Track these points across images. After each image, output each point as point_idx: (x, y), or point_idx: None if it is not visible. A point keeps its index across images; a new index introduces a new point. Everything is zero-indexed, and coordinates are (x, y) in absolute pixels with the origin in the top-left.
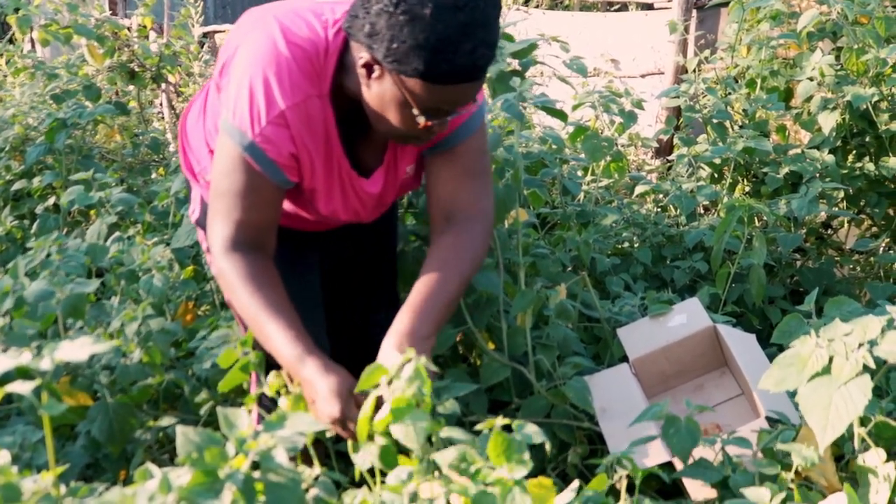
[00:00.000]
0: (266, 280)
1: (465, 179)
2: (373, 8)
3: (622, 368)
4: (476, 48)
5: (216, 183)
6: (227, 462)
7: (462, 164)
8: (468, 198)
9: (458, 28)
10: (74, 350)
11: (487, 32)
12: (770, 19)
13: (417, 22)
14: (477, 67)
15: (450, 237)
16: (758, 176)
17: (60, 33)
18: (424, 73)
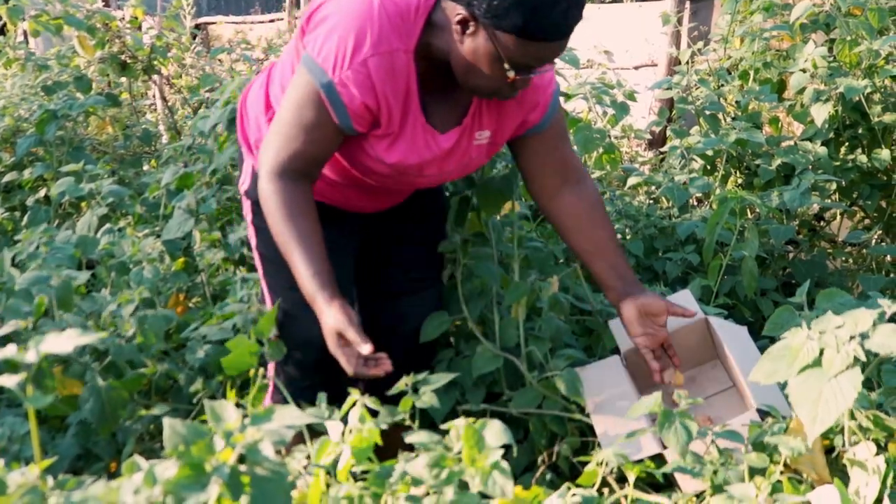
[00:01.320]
0: (303, 209)
1: (565, 144)
2: None
3: (613, 360)
4: (570, 8)
5: (283, 111)
6: (214, 455)
7: (558, 132)
8: (573, 159)
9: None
10: (61, 342)
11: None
12: (763, 11)
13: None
14: (569, 26)
15: (580, 189)
16: (750, 168)
17: (51, 24)
18: (522, 30)
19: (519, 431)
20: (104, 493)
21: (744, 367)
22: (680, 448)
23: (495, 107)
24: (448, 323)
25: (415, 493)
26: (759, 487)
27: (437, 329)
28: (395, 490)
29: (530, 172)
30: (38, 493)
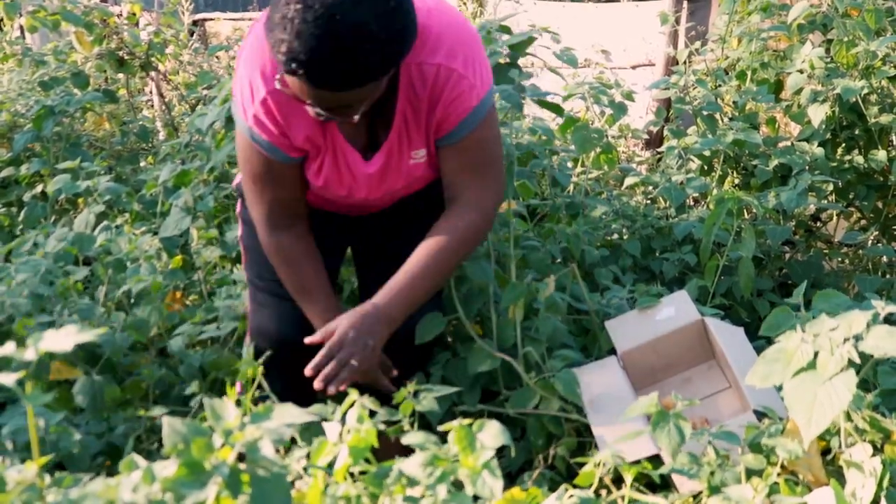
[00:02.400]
0: (299, 258)
1: (465, 172)
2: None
3: (610, 361)
4: (298, 53)
5: (242, 172)
6: (214, 453)
7: (464, 157)
8: (467, 189)
9: (291, 24)
10: (59, 339)
11: (342, 51)
12: (761, 11)
13: (286, 23)
14: (291, 67)
15: (443, 222)
16: (747, 168)
17: (49, 20)
18: (291, 72)
19: (516, 431)
20: (103, 491)
21: (740, 367)
22: (672, 449)
23: (422, 125)
24: (443, 324)
25: (411, 494)
26: (756, 489)
27: (433, 330)
28: (391, 490)
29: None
30: (35, 491)
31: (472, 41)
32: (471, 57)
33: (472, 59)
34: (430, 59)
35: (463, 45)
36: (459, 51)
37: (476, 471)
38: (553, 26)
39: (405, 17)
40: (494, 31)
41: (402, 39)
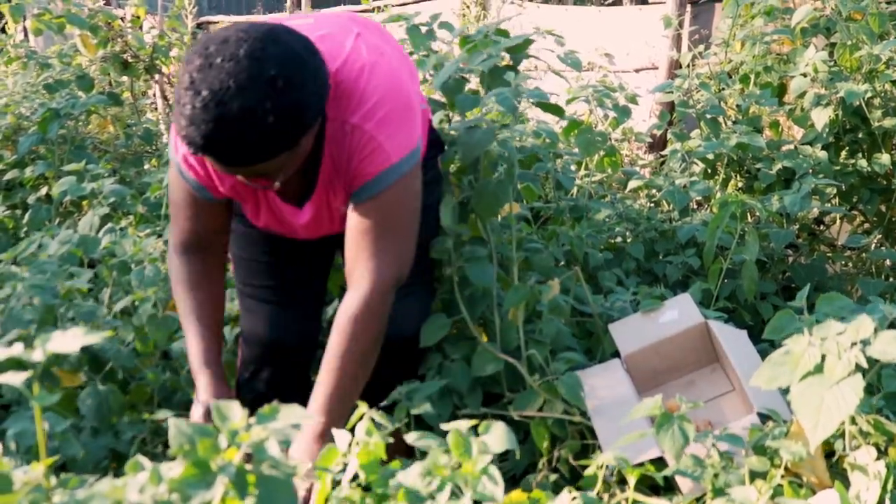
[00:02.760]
0: (195, 284)
1: (362, 236)
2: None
3: (614, 364)
4: (197, 139)
5: (168, 191)
6: (220, 454)
7: (364, 220)
8: (362, 256)
9: (187, 111)
10: (66, 341)
11: (233, 136)
12: (764, 15)
13: (181, 108)
14: (195, 151)
15: (338, 318)
16: (751, 172)
17: (54, 23)
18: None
19: (519, 434)
20: (110, 491)
21: (744, 370)
22: (675, 452)
23: (342, 180)
24: (447, 326)
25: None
26: (760, 491)
27: (437, 333)
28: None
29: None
30: (42, 491)
31: (397, 105)
32: (388, 120)
33: (389, 123)
34: (349, 118)
35: (384, 107)
36: (378, 113)
37: (475, 476)
38: (556, 30)
39: (298, 91)
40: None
41: (297, 115)
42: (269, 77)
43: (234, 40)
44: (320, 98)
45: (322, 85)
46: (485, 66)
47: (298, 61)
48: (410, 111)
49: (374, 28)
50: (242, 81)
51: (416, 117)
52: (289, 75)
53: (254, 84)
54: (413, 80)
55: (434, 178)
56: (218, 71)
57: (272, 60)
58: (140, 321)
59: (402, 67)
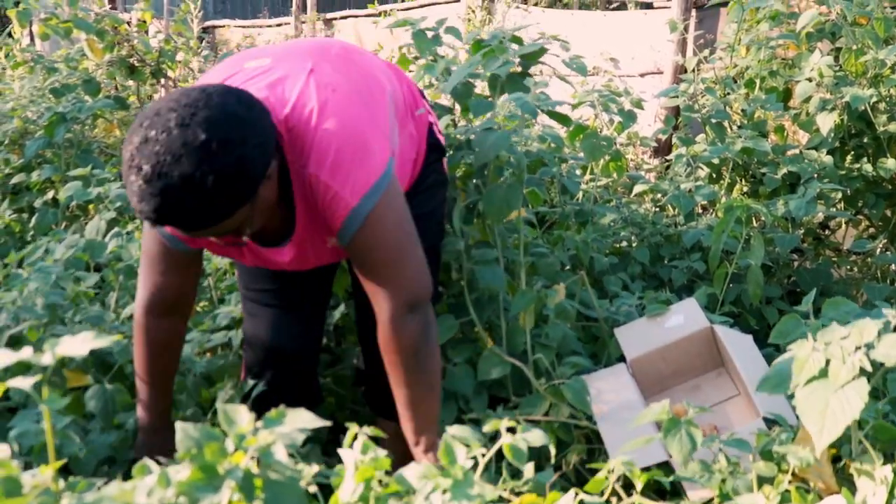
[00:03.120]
0: (164, 349)
1: (364, 274)
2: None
3: (620, 368)
4: (150, 213)
5: (142, 245)
6: (227, 458)
7: (357, 259)
8: (371, 292)
9: (135, 188)
10: (75, 344)
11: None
12: (769, 19)
13: (127, 181)
14: (153, 225)
15: (379, 342)
16: (756, 176)
17: (60, 27)
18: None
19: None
20: (118, 494)
21: (749, 375)
22: (683, 456)
23: (319, 219)
24: (455, 328)
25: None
26: (768, 496)
27: (445, 334)
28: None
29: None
30: (51, 495)
31: (348, 144)
32: (339, 163)
33: (341, 166)
34: (304, 165)
35: (334, 150)
36: (328, 158)
37: (459, 481)
38: (562, 34)
39: (236, 149)
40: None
41: (240, 173)
42: (202, 141)
43: (165, 112)
44: (264, 150)
45: (265, 136)
46: (502, 72)
47: (232, 120)
48: (365, 145)
49: (335, 57)
50: (176, 151)
51: (373, 147)
52: (223, 136)
53: (188, 151)
54: (375, 106)
55: (435, 182)
56: (153, 145)
57: (203, 125)
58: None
59: (358, 100)
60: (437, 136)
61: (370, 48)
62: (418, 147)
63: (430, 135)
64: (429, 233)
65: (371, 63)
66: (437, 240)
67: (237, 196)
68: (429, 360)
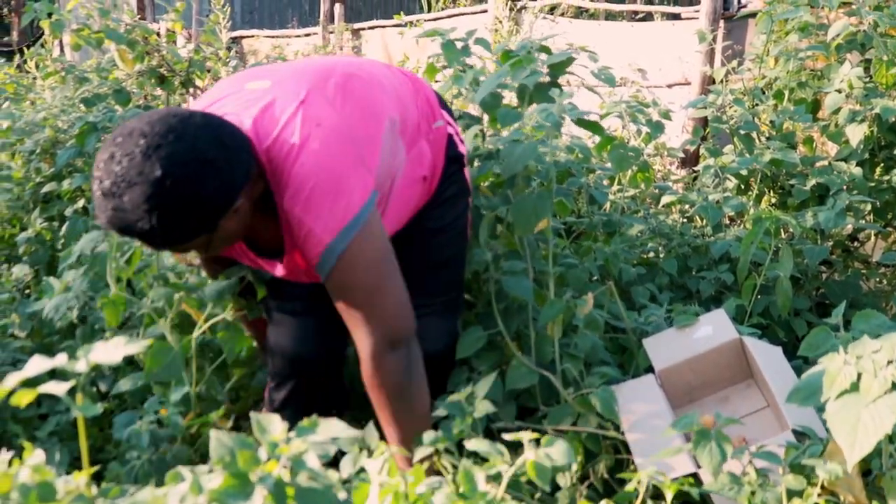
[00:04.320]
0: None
1: (343, 310)
2: None
3: (648, 379)
4: (106, 224)
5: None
6: (259, 466)
7: (335, 295)
8: (351, 329)
9: (96, 198)
10: (108, 351)
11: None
12: (798, 31)
13: (91, 181)
14: (121, 232)
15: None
16: (784, 188)
17: (92, 38)
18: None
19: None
20: (151, 501)
21: (778, 387)
22: (713, 468)
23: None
24: (483, 339)
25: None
26: None
27: (473, 346)
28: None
29: None
30: (85, 500)
31: (325, 180)
32: (314, 200)
33: (316, 203)
34: (281, 200)
35: (309, 187)
36: (302, 194)
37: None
38: (589, 45)
39: (190, 189)
40: (534, 52)
41: (188, 212)
42: (156, 178)
43: (136, 135)
44: (227, 190)
45: (230, 176)
46: (529, 82)
47: (196, 160)
48: (341, 182)
49: (333, 86)
50: (132, 179)
51: (351, 184)
52: (179, 176)
53: (141, 181)
54: (364, 140)
55: (456, 193)
56: (116, 164)
57: (165, 160)
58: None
59: (342, 135)
60: (458, 146)
61: (397, 58)
62: (433, 163)
63: (450, 147)
64: (451, 243)
65: (375, 89)
66: (460, 249)
67: (183, 230)
68: (415, 397)
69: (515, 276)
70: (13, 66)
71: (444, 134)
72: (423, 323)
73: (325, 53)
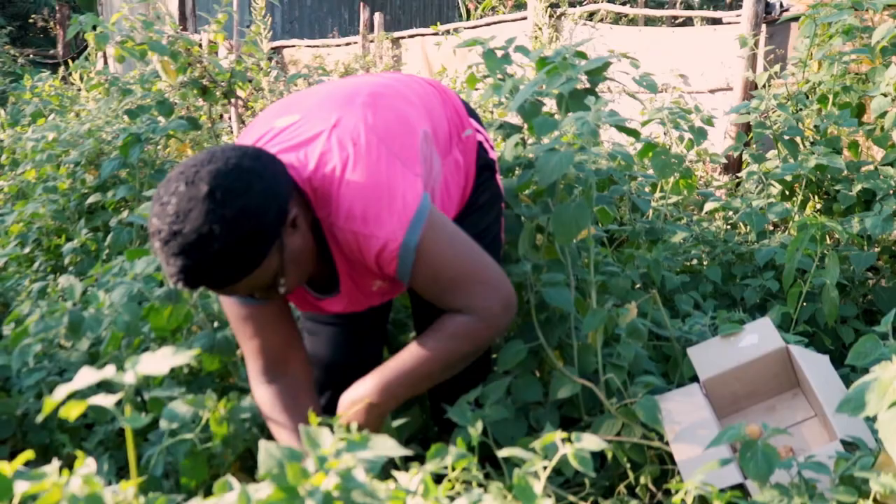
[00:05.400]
0: (290, 406)
1: (439, 300)
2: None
3: (693, 388)
4: (177, 273)
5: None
6: (308, 479)
7: (427, 291)
8: (452, 308)
9: (159, 252)
10: (155, 362)
11: (189, 263)
12: (842, 34)
13: (154, 249)
14: (186, 286)
15: (435, 323)
16: (830, 193)
17: (136, 50)
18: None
19: (597, 459)
20: None
21: (826, 396)
22: (760, 479)
23: (366, 270)
24: (524, 352)
25: None
26: None
27: (513, 359)
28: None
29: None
30: None
31: (374, 194)
32: (370, 213)
33: (372, 215)
34: (336, 222)
35: (365, 203)
36: (358, 211)
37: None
38: (630, 51)
39: (241, 196)
40: (570, 58)
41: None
42: (206, 193)
43: (174, 177)
44: (274, 196)
45: (273, 183)
46: (565, 90)
47: (235, 171)
48: (392, 189)
49: (360, 105)
50: (185, 207)
51: (402, 187)
52: (227, 185)
53: (195, 205)
54: (403, 149)
55: (489, 200)
56: (167, 208)
57: (206, 179)
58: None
59: (382, 146)
60: (489, 153)
61: (436, 67)
62: (466, 172)
63: (480, 154)
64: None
65: (403, 103)
66: (495, 255)
67: (253, 243)
68: (469, 358)
69: (556, 288)
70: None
71: (474, 142)
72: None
73: (365, 62)
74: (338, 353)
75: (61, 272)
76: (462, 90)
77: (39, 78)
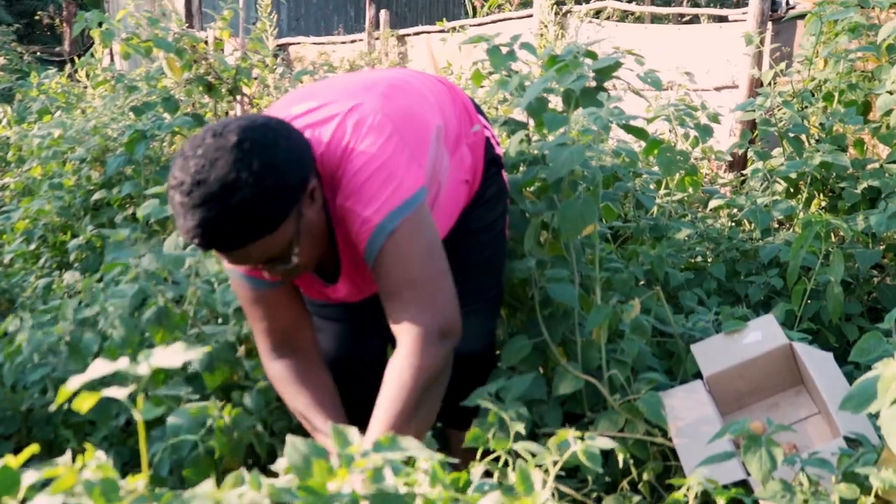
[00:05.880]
0: (303, 379)
1: (385, 298)
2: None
3: (696, 385)
4: (195, 228)
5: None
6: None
7: (380, 282)
8: (396, 319)
9: (179, 206)
10: (168, 356)
11: (209, 215)
12: (848, 32)
13: (172, 205)
14: (201, 243)
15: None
16: (834, 191)
17: (141, 47)
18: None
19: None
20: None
21: (830, 393)
22: (763, 476)
23: (358, 253)
24: (528, 348)
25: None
26: None
27: (517, 355)
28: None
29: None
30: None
31: (376, 175)
32: (365, 190)
33: (366, 192)
34: (335, 198)
35: (365, 181)
36: (356, 187)
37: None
38: (635, 48)
39: (269, 150)
40: (580, 56)
41: (274, 170)
42: (235, 142)
43: (201, 134)
44: (299, 157)
45: (298, 145)
46: (577, 87)
47: (263, 128)
48: (393, 173)
49: (379, 95)
50: (211, 157)
51: (402, 175)
52: (255, 137)
53: (222, 154)
54: (414, 141)
55: (495, 194)
56: (192, 160)
57: (235, 131)
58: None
59: (393, 133)
60: (495, 148)
61: (441, 64)
62: (473, 167)
63: (487, 150)
64: (492, 243)
65: (419, 98)
66: (500, 249)
67: (274, 199)
68: (434, 398)
69: (560, 284)
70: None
71: (481, 138)
72: (464, 322)
73: (371, 59)
74: (341, 348)
75: (67, 268)
76: (467, 87)
77: (46, 75)
